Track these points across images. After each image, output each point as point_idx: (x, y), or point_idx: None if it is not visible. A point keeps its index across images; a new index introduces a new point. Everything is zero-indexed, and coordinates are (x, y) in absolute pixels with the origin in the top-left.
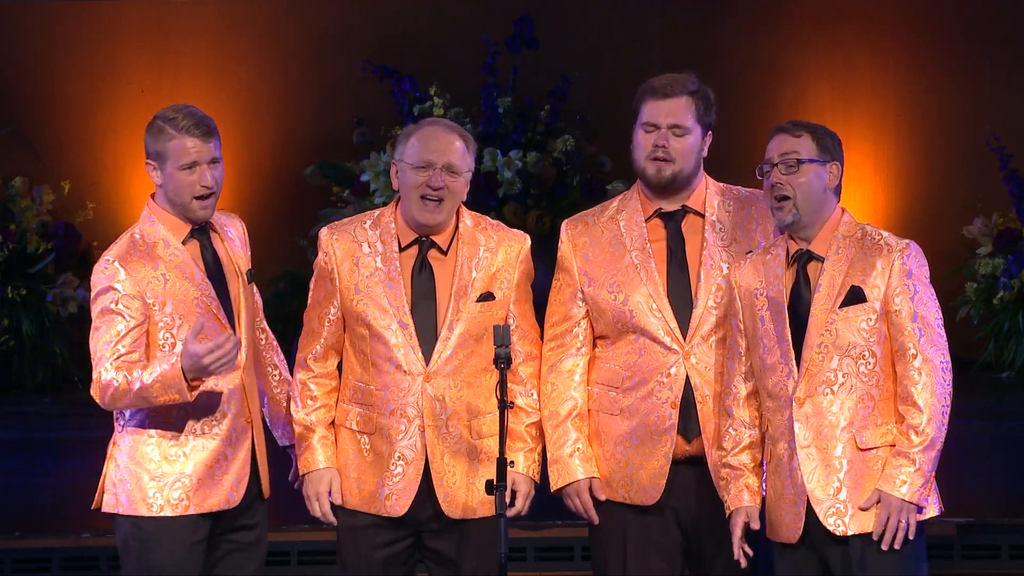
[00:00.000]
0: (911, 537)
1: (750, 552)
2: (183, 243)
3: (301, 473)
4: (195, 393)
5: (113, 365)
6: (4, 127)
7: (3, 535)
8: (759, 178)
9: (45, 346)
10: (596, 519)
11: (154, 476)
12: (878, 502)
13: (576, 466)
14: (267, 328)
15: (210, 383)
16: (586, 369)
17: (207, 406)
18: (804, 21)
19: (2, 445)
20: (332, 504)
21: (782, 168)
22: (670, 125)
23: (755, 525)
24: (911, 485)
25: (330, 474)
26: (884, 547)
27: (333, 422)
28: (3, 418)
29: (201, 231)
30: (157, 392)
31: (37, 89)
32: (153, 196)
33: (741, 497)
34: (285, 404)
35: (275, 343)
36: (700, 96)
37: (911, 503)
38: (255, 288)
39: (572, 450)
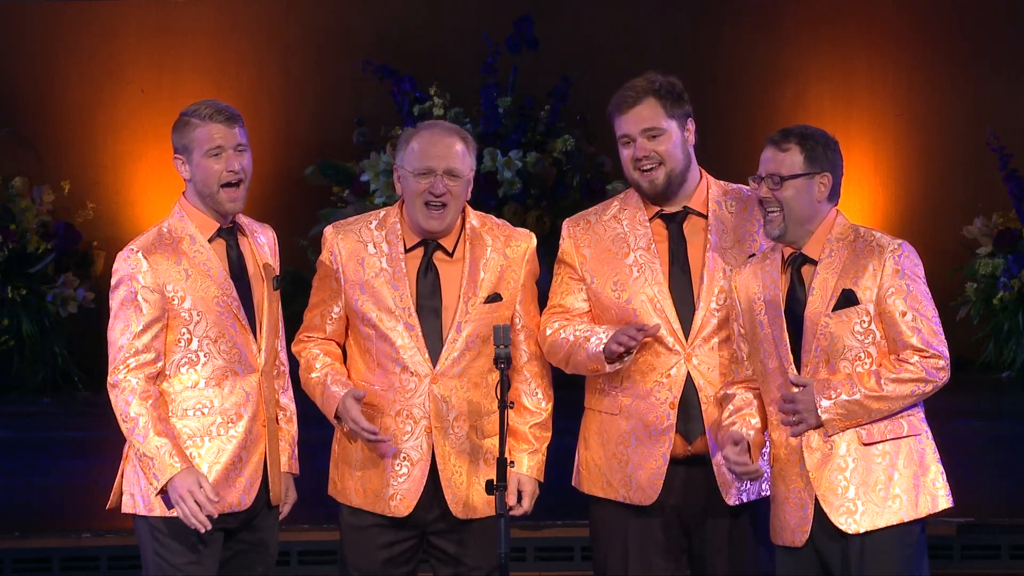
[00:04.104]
0: (790, 435)
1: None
2: (209, 241)
3: (332, 417)
4: (156, 495)
5: (138, 384)
6: (4, 127)
7: (3, 535)
8: (754, 187)
9: (45, 346)
10: (640, 332)
11: None
12: (801, 388)
13: (605, 330)
14: (286, 360)
15: (226, 387)
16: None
17: (224, 409)
18: (804, 21)
19: (2, 445)
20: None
21: (769, 183)
22: (643, 131)
23: (741, 445)
24: (835, 406)
25: (351, 394)
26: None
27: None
28: (3, 418)
29: (229, 231)
30: (143, 461)
31: (37, 89)
32: (184, 194)
33: (732, 430)
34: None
35: (288, 379)
36: (664, 92)
37: (819, 417)
38: (279, 298)
39: (593, 327)
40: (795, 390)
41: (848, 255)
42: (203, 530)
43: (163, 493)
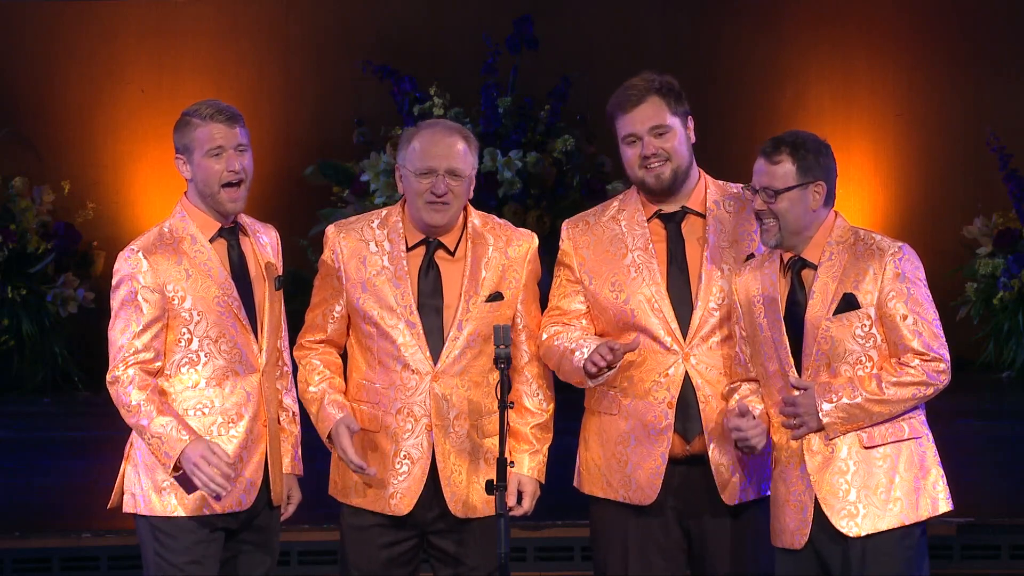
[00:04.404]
0: (790, 439)
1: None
2: (211, 241)
3: (325, 438)
4: (173, 473)
5: (136, 374)
6: (4, 127)
7: (3, 535)
8: (748, 196)
9: (45, 346)
10: (627, 346)
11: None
12: (803, 391)
13: (591, 343)
14: (288, 360)
15: (227, 387)
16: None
17: (225, 409)
18: (804, 21)
19: (2, 445)
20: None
21: (763, 196)
22: (649, 130)
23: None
24: (835, 409)
25: (345, 421)
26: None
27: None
28: (3, 418)
29: (231, 232)
30: (152, 443)
31: (37, 89)
32: (186, 194)
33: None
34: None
35: (290, 379)
36: (666, 90)
37: (820, 420)
38: (281, 298)
39: (582, 338)
40: (796, 393)
41: (848, 259)
42: (224, 492)
43: (178, 471)
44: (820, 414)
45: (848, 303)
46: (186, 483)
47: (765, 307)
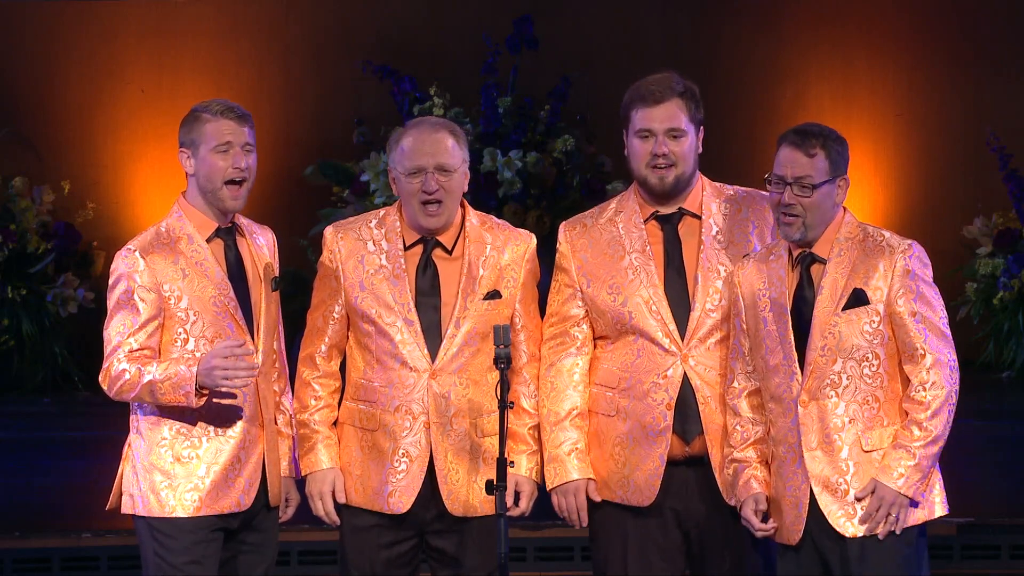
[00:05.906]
0: (898, 531)
1: (770, 528)
2: (207, 241)
3: (303, 473)
4: (201, 400)
5: (126, 357)
6: (4, 127)
7: (3, 535)
8: (767, 186)
9: (45, 346)
10: (585, 522)
11: (168, 478)
12: (873, 492)
13: (573, 466)
14: (284, 362)
15: (223, 389)
16: (586, 369)
17: (221, 409)
18: (804, 21)
19: (2, 445)
20: (337, 502)
21: (796, 189)
22: (666, 130)
23: (763, 507)
24: (908, 479)
25: (333, 474)
26: (868, 532)
27: (335, 422)
28: (3, 418)
29: (228, 232)
30: (166, 390)
31: (37, 89)
32: (184, 193)
33: (750, 486)
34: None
35: (287, 381)
36: (688, 95)
37: (906, 496)
38: (278, 299)
39: (570, 449)
40: (867, 501)
41: (858, 255)
42: (256, 372)
43: (202, 397)
44: (899, 492)
45: (857, 299)
46: (219, 408)
47: (771, 302)
